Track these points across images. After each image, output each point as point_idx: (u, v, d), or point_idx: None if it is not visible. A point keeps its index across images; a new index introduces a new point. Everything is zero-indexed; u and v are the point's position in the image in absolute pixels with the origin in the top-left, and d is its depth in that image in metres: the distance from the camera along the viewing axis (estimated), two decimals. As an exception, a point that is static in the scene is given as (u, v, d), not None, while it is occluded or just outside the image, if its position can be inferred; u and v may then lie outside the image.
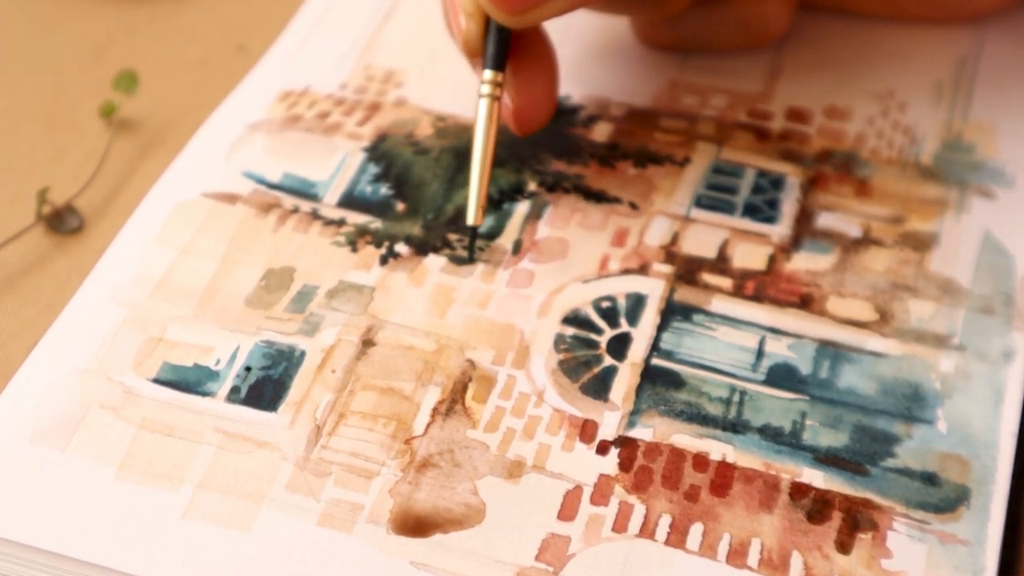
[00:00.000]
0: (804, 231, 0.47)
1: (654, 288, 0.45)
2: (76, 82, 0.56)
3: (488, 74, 0.45)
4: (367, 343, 0.44)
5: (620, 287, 0.45)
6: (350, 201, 0.48)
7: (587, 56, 0.55)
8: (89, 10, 0.59)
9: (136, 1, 0.59)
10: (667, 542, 0.39)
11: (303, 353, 0.43)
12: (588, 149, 0.50)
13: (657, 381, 0.43)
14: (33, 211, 0.50)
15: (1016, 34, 0.55)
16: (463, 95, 0.53)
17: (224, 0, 0.59)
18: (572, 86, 0.53)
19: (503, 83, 0.46)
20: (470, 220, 0.45)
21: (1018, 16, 0.56)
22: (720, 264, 0.46)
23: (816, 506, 0.40)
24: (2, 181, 0.52)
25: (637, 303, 0.45)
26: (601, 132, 0.51)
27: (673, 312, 0.45)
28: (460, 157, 0.50)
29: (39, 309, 0.46)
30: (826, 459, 0.41)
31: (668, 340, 0.44)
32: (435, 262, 0.46)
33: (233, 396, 0.42)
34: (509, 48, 0.46)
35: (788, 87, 0.53)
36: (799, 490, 0.40)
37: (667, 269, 0.46)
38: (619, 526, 0.39)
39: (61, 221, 0.49)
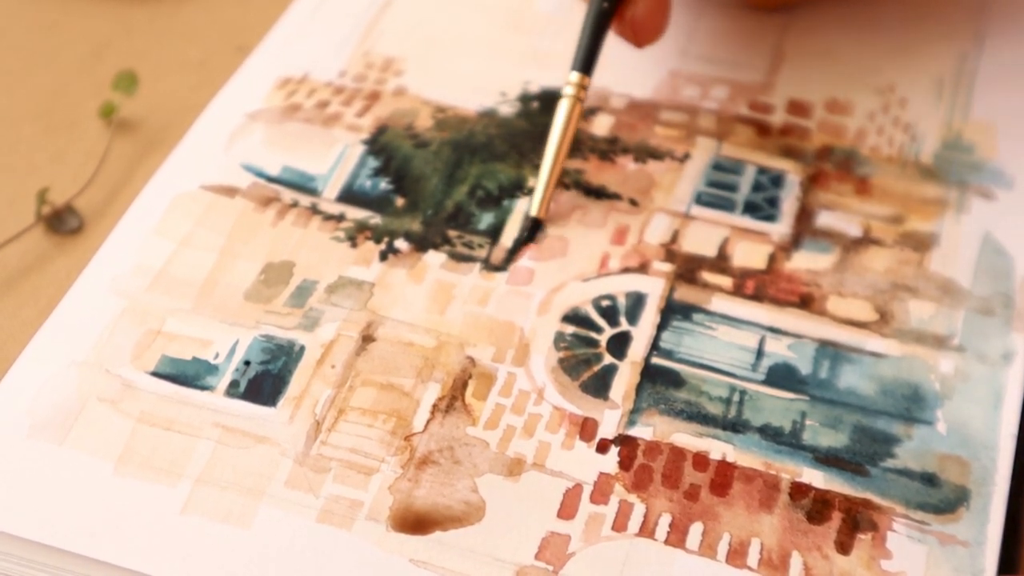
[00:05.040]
0: (804, 230, 0.47)
1: (654, 287, 0.45)
2: (76, 82, 0.55)
3: (574, 76, 0.46)
4: (367, 339, 0.43)
5: (620, 286, 0.45)
6: (349, 196, 0.48)
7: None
8: (89, 10, 0.58)
9: (136, 1, 0.59)
10: (667, 541, 0.39)
11: (302, 348, 0.43)
12: (588, 143, 0.50)
13: (657, 380, 0.43)
14: (33, 211, 0.50)
15: (1017, 29, 0.55)
16: (463, 85, 0.52)
17: (223, 0, 0.59)
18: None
19: (587, 87, 0.47)
20: (533, 212, 0.47)
21: (1019, 10, 0.56)
22: (720, 263, 0.46)
23: (816, 506, 0.40)
24: (2, 181, 0.51)
25: (637, 302, 0.45)
26: (601, 125, 0.51)
27: (673, 311, 0.45)
28: (460, 151, 0.50)
29: (39, 309, 0.46)
30: (826, 459, 0.41)
31: (668, 339, 0.44)
32: (435, 258, 0.46)
33: (232, 390, 0.42)
34: (599, 52, 0.47)
35: (789, 77, 0.53)
36: (799, 490, 0.40)
37: (667, 267, 0.46)
38: (619, 525, 0.39)
39: (61, 221, 0.49)
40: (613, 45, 0.54)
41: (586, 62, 0.47)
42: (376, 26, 0.55)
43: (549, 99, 0.52)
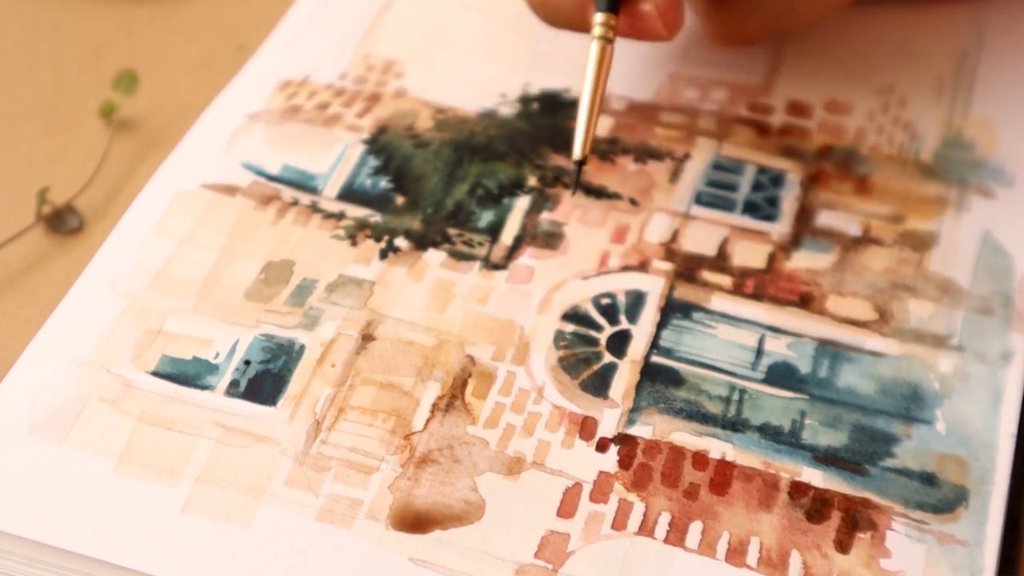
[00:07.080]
0: (804, 229, 0.47)
1: (654, 285, 0.45)
2: (76, 82, 0.55)
3: (600, 17, 0.46)
4: (367, 338, 0.44)
5: (620, 284, 0.45)
6: (350, 194, 0.48)
7: (587, 48, 0.55)
8: (89, 10, 0.58)
9: (136, 1, 0.59)
10: (666, 540, 0.39)
11: (303, 347, 0.43)
12: (587, 143, 0.50)
13: (657, 379, 0.43)
14: (33, 211, 0.50)
15: (1016, 27, 0.55)
16: (463, 87, 0.52)
17: (224, 0, 0.59)
18: (572, 78, 0.53)
19: (615, 26, 0.46)
20: (575, 155, 0.45)
21: (1019, 8, 0.56)
22: (720, 262, 0.46)
23: (815, 505, 0.40)
24: (2, 181, 0.51)
25: (637, 300, 0.45)
26: (601, 126, 0.51)
27: (673, 310, 0.45)
28: (460, 150, 0.50)
29: (39, 309, 0.46)
30: (825, 458, 0.41)
31: (668, 338, 0.44)
32: (435, 257, 0.46)
33: (232, 390, 0.42)
34: None
35: (789, 80, 0.53)
36: (798, 489, 0.40)
37: (667, 266, 0.46)
38: (618, 524, 0.39)
39: (61, 221, 0.49)
40: (616, 49, 0.55)
41: (612, 1, 0.46)
42: (376, 28, 0.55)
43: (549, 101, 0.52)
